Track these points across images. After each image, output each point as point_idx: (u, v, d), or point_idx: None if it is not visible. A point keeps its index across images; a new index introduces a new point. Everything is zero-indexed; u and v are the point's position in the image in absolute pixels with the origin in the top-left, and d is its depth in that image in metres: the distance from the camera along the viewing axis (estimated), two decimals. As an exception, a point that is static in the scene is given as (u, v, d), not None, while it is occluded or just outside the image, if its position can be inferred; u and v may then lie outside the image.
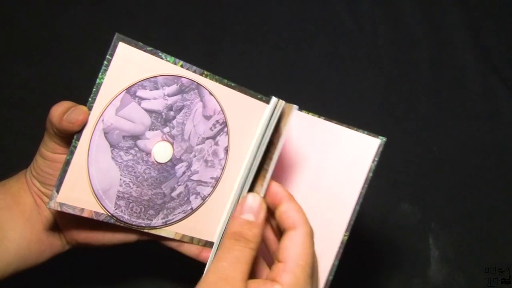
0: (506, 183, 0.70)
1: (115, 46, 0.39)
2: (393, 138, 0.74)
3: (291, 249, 0.34)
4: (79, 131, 0.39)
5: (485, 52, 0.79)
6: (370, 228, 0.67)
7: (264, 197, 0.39)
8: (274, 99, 0.43)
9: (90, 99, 0.39)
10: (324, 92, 0.76)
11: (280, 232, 0.38)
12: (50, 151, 0.42)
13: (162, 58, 0.40)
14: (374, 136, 0.40)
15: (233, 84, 0.44)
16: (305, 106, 0.44)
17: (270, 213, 0.40)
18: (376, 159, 0.40)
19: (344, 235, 0.39)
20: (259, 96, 0.45)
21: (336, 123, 0.43)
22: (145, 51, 0.40)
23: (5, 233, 0.42)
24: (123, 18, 0.78)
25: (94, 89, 0.39)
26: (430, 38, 0.80)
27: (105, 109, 0.40)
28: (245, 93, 0.44)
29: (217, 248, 0.40)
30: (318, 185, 0.42)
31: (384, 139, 0.40)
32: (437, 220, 0.68)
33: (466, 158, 0.72)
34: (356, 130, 0.41)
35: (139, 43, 0.40)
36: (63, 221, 0.45)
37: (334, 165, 0.41)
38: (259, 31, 0.80)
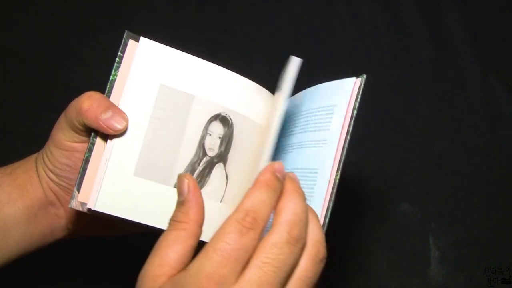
0: (506, 183, 0.70)
1: (126, 44, 0.41)
2: (393, 138, 0.74)
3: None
4: None
5: (485, 52, 0.79)
6: (370, 228, 0.67)
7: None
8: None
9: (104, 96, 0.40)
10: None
11: None
12: (69, 141, 0.41)
13: None
14: (355, 77, 0.41)
15: None
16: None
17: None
18: (359, 96, 0.40)
19: (336, 175, 0.39)
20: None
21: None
22: None
23: (7, 230, 0.41)
24: (123, 18, 0.78)
25: (108, 86, 0.41)
26: (430, 38, 0.80)
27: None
28: None
29: None
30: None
31: (365, 76, 0.41)
32: (437, 220, 0.68)
33: (466, 158, 0.72)
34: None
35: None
36: (75, 218, 0.44)
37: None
38: (259, 31, 0.80)
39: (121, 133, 0.40)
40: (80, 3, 0.79)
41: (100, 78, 0.75)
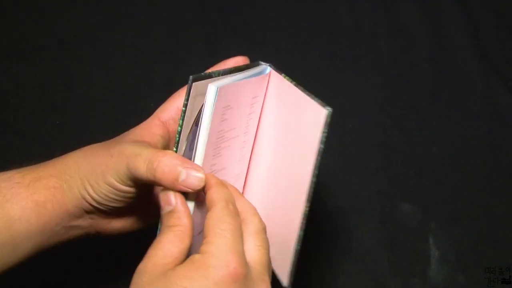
0: (506, 183, 0.70)
1: (190, 89, 0.37)
2: (393, 138, 0.74)
3: (208, 223, 0.36)
4: None
5: (485, 52, 0.79)
6: (370, 228, 0.67)
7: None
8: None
9: (174, 149, 0.39)
10: (324, 92, 0.76)
11: None
12: (123, 184, 0.39)
13: None
14: (322, 105, 0.39)
15: None
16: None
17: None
18: (325, 130, 0.38)
19: (306, 207, 0.39)
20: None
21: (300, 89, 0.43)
22: None
23: (17, 244, 0.39)
24: (123, 18, 0.78)
25: (177, 138, 0.39)
26: (430, 38, 0.80)
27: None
28: None
29: None
30: (280, 159, 0.43)
31: (331, 110, 0.38)
32: (437, 220, 0.68)
33: (466, 158, 0.72)
34: (310, 97, 0.41)
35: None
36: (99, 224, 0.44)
37: (292, 136, 0.42)
38: (259, 30, 0.80)
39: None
40: (80, 3, 0.79)
41: (100, 78, 0.76)
